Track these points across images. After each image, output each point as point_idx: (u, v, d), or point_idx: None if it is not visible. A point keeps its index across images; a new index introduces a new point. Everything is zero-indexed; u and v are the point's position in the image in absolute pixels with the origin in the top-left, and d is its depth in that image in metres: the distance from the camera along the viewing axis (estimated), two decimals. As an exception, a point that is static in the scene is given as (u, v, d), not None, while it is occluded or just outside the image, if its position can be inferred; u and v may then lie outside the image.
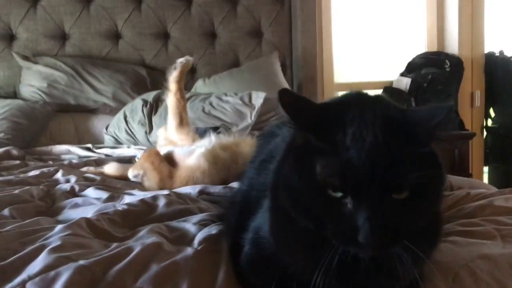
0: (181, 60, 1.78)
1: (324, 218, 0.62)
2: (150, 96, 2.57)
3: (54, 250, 0.81)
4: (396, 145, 0.60)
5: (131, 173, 1.56)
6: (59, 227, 0.93)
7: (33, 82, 2.71)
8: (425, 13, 3.46)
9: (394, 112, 0.65)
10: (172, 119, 1.75)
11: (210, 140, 1.55)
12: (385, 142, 0.60)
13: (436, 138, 0.63)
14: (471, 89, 3.38)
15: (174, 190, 1.32)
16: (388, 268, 0.65)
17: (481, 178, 3.35)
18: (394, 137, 0.61)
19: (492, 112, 3.42)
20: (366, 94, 0.71)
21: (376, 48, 3.44)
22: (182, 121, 1.72)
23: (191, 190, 1.31)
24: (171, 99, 1.75)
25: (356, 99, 0.69)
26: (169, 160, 1.54)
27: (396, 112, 0.65)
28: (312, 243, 0.67)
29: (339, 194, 0.60)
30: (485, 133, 3.44)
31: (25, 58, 2.79)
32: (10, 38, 2.82)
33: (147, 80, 2.88)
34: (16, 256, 0.80)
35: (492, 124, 3.42)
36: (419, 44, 3.48)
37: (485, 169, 3.43)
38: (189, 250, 0.82)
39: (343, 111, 0.64)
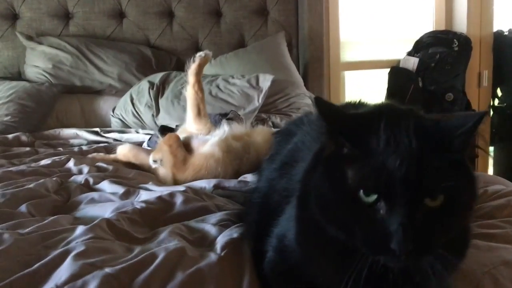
0: (200, 53, 1.79)
1: (355, 227, 0.62)
2: (156, 78, 2.55)
3: (78, 256, 0.81)
4: (430, 152, 0.60)
5: (151, 158, 1.57)
6: (80, 229, 0.94)
7: (38, 63, 2.69)
8: (433, -9, 3.41)
9: (427, 121, 0.65)
10: (190, 110, 1.76)
11: (224, 130, 1.55)
12: (419, 148, 0.60)
13: (469, 145, 0.63)
14: (478, 69, 3.35)
15: (190, 185, 1.32)
16: (418, 280, 0.65)
17: (487, 158, 3.35)
18: (428, 144, 0.61)
19: (499, 92, 3.40)
20: (397, 105, 0.71)
21: (383, 27, 3.40)
22: (200, 112, 1.74)
23: (206, 184, 1.32)
24: (189, 91, 1.76)
25: (388, 110, 0.69)
26: (187, 146, 1.56)
27: (429, 121, 0.65)
28: (340, 254, 0.67)
29: (372, 199, 0.60)
30: (491, 112, 3.43)
31: (29, 38, 2.76)
32: (13, 17, 2.79)
33: (152, 61, 2.85)
34: (41, 263, 0.80)
35: (499, 103, 3.41)
36: (426, 22, 3.43)
37: (491, 148, 3.43)
38: (212, 256, 0.82)
39: (376, 119, 0.64)
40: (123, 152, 1.76)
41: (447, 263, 0.64)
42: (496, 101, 3.42)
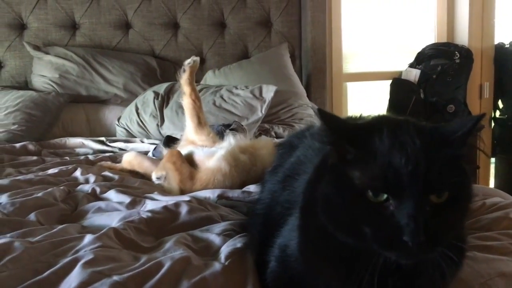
0: (188, 61, 1.80)
1: (364, 227, 0.64)
2: (161, 88, 2.59)
3: (87, 264, 0.84)
4: (433, 151, 0.63)
5: (154, 176, 1.59)
6: (88, 238, 0.96)
7: (45, 72, 2.73)
8: (435, 3, 3.45)
9: (425, 125, 0.68)
10: (189, 120, 1.77)
11: (230, 142, 1.57)
12: (423, 147, 0.63)
13: (466, 145, 0.66)
14: (480, 81, 3.38)
15: (194, 195, 1.34)
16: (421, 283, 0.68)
17: (488, 170, 3.37)
18: (430, 143, 0.64)
19: (500, 104, 3.43)
20: (395, 116, 0.74)
21: (386, 39, 3.44)
22: (200, 122, 1.75)
23: (210, 194, 1.34)
24: (186, 101, 1.77)
25: (386, 119, 0.72)
26: (190, 161, 1.57)
27: (428, 125, 0.68)
28: (347, 262, 0.69)
29: (380, 198, 0.62)
30: (492, 124, 3.45)
31: (36, 48, 2.80)
32: (21, 27, 2.83)
33: (157, 71, 2.90)
34: (51, 270, 0.83)
35: (500, 115, 3.43)
36: (428, 34, 3.47)
37: (492, 160, 3.45)
38: (217, 266, 0.85)
39: (378, 125, 0.67)
40: (128, 159, 1.79)
41: (451, 264, 0.66)
42: (498, 113, 3.44)
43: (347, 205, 0.65)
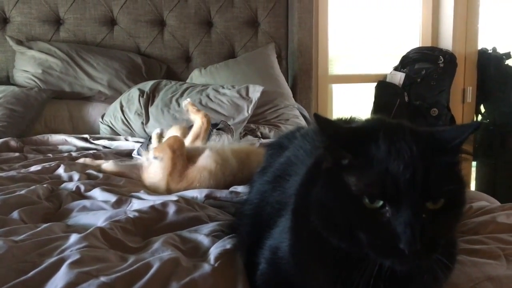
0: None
1: (360, 233, 0.63)
2: (146, 86, 2.56)
3: (74, 264, 0.82)
4: (430, 158, 0.63)
5: (152, 155, 1.55)
6: (74, 237, 0.95)
7: (27, 67, 2.69)
8: (420, 8, 3.48)
9: (421, 131, 0.68)
10: (191, 134, 1.78)
11: (223, 143, 1.55)
12: (420, 154, 0.62)
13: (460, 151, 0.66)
14: (463, 85, 3.42)
15: (182, 194, 1.33)
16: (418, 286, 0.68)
17: (470, 173, 3.41)
18: (427, 150, 0.63)
19: (482, 108, 3.48)
20: (389, 119, 0.74)
21: (371, 42, 3.46)
22: (198, 138, 1.75)
23: (197, 193, 1.33)
24: (199, 120, 1.78)
25: (381, 122, 0.71)
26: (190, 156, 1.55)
27: (424, 130, 0.68)
28: (340, 267, 0.68)
29: (377, 204, 0.62)
30: (474, 128, 3.49)
31: (19, 42, 2.75)
32: (4, 21, 2.78)
33: (142, 68, 2.87)
34: (37, 270, 0.81)
35: (482, 119, 3.47)
36: (413, 38, 3.50)
37: (473, 163, 3.50)
38: (206, 267, 0.84)
39: (373, 130, 0.66)
40: (108, 169, 1.75)
41: (443, 268, 0.67)
42: (480, 117, 3.48)
43: (342, 211, 0.65)
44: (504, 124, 3.27)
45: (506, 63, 3.30)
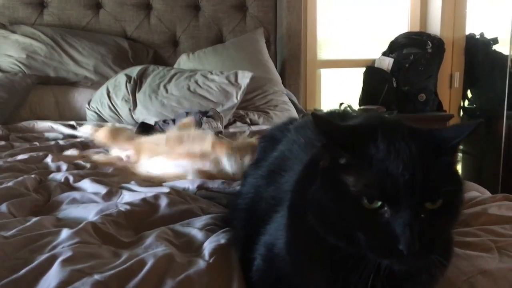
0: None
1: (358, 233, 0.63)
2: (133, 71, 2.53)
3: (66, 262, 0.81)
4: (429, 158, 0.62)
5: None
6: (65, 232, 0.93)
7: (11, 52, 2.63)
8: (409, -8, 3.47)
9: (420, 130, 0.67)
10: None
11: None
12: (420, 154, 0.62)
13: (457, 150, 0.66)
14: (450, 71, 3.43)
15: (173, 185, 1.32)
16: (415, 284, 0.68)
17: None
18: (426, 150, 0.63)
19: (469, 94, 3.49)
20: (386, 116, 0.73)
21: (360, 26, 3.44)
22: None
23: (189, 184, 1.32)
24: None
25: (379, 120, 0.71)
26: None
27: (422, 129, 0.68)
28: (337, 265, 0.68)
29: (376, 204, 0.61)
30: (461, 113, 3.52)
31: (2, 26, 2.71)
32: (-15, 4, 2.71)
33: (128, 53, 2.83)
34: (28, 268, 0.80)
35: (469, 104, 3.50)
36: (402, 23, 3.49)
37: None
38: (201, 263, 0.83)
39: (371, 129, 0.66)
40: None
41: (441, 267, 0.67)
42: (466, 102, 3.51)
43: (340, 211, 0.64)
44: (491, 109, 3.29)
45: (493, 48, 3.31)
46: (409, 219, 0.59)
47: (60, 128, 2.20)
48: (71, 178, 1.37)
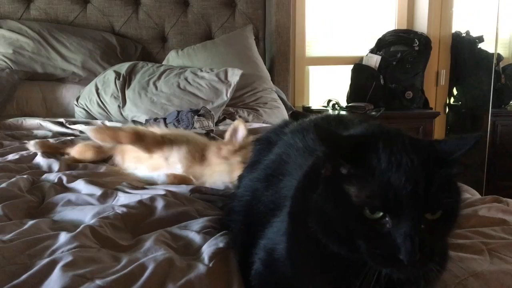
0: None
1: (359, 241, 0.64)
2: (122, 68, 2.52)
3: (67, 267, 0.81)
4: (431, 169, 0.64)
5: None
6: (64, 237, 0.93)
7: (-3, 47, 2.59)
8: (396, -10, 3.49)
9: (421, 141, 0.69)
10: None
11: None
12: (421, 166, 0.63)
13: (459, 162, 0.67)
14: (437, 68, 3.47)
15: (168, 187, 1.32)
16: None
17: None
18: (428, 162, 0.64)
19: (455, 91, 3.54)
20: (387, 126, 0.74)
21: (347, 24, 3.46)
22: None
23: (184, 187, 1.32)
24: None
25: (380, 131, 0.72)
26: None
27: (423, 141, 0.69)
28: (338, 271, 0.69)
29: (378, 215, 0.63)
30: (447, 110, 3.56)
31: (-13, 21, 2.65)
32: (-30, -2, 2.67)
33: (117, 49, 2.81)
34: (29, 273, 0.80)
35: (454, 102, 3.54)
36: (389, 21, 3.51)
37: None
38: (201, 267, 0.84)
39: (373, 140, 0.67)
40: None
41: (438, 274, 0.69)
42: (452, 100, 3.55)
43: (342, 219, 0.65)
44: (476, 107, 3.34)
45: (479, 46, 3.35)
46: (410, 230, 0.61)
47: (49, 125, 2.18)
48: (64, 179, 1.36)
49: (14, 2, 2.74)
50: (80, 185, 1.31)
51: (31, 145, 1.67)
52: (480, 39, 3.35)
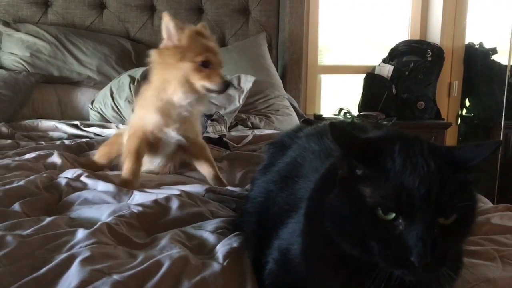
0: None
1: (372, 243, 0.65)
2: (137, 73, 2.54)
3: (85, 262, 0.83)
4: (446, 174, 0.64)
5: None
6: (82, 233, 0.95)
7: (15, 50, 2.64)
8: (410, 1, 3.50)
9: (440, 147, 0.69)
10: None
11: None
12: (437, 170, 0.64)
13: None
14: (449, 79, 3.47)
15: (183, 188, 1.33)
16: None
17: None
18: (444, 167, 0.65)
19: (467, 102, 3.54)
20: (406, 132, 0.75)
21: (360, 33, 3.48)
22: None
23: (199, 187, 1.34)
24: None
25: (398, 135, 0.73)
26: None
27: (442, 147, 0.70)
28: (352, 272, 0.70)
29: (391, 216, 0.63)
30: (459, 121, 3.56)
31: (6, 24, 2.71)
32: (-10, 2, 2.72)
33: (132, 54, 2.84)
34: (48, 267, 0.82)
35: (466, 113, 3.54)
36: (402, 31, 3.53)
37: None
38: (215, 266, 0.85)
39: (389, 142, 0.68)
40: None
41: (450, 280, 0.69)
42: (464, 111, 3.55)
43: (355, 220, 0.66)
44: (488, 118, 3.33)
45: (492, 58, 3.35)
46: (422, 233, 0.62)
47: (64, 128, 2.21)
48: (81, 177, 1.38)
49: (33, 6, 2.79)
50: (97, 182, 1.33)
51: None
52: (494, 50, 3.35)
